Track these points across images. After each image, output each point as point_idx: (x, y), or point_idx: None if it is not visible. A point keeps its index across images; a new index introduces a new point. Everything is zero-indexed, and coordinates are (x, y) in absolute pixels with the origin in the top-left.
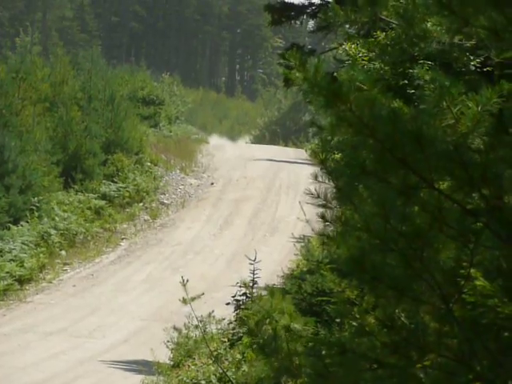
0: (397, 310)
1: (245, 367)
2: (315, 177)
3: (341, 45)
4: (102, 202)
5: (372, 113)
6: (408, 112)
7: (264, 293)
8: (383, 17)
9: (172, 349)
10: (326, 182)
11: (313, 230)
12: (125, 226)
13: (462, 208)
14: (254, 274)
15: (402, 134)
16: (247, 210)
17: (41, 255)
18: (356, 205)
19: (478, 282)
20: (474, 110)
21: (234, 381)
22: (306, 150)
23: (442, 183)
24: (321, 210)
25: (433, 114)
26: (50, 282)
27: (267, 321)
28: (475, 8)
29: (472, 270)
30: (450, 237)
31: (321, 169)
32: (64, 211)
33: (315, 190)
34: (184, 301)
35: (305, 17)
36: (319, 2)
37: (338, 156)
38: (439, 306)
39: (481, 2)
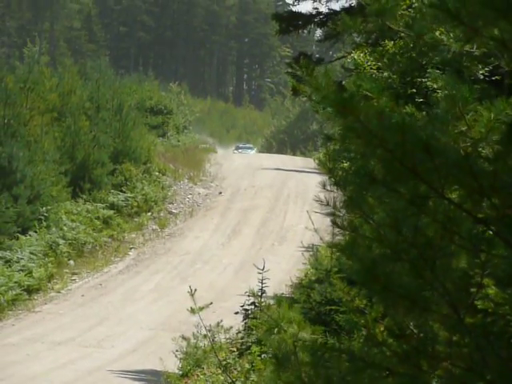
0: (406, 320)
1: (254, 377)
2: (323, 185)
3: (349, 53)
4: (111, 212)
5: (381, 123)
6: (418, 118)
7: (272, 302)
8: (392, 26)
9: (181, 358)
10: (335, 190)
11: (321, 239)
12: (133, 235)
13: (473, 217)
14: (262, 283)
15: (411, 143)
16: (255, 219)
17: (49, 265)
18: (366, 214)
19: (490, 291)
20: (487, 117)
21: None
22: (314, 159)
23: (452, 192)
24: (329, 218)
25: (445, 120)
26: (59, 292)
27: (275, 330)
28: (484, 19)
29: (484, 279)
30: (461, 246)
31: (329, 178)
32: (72, 221)
33: (324, 198)
34: (192, 310)
35: (312, 26)
36: (327, 11)
37: (346, 165)
38: (450, 314)
39: (490, 14)
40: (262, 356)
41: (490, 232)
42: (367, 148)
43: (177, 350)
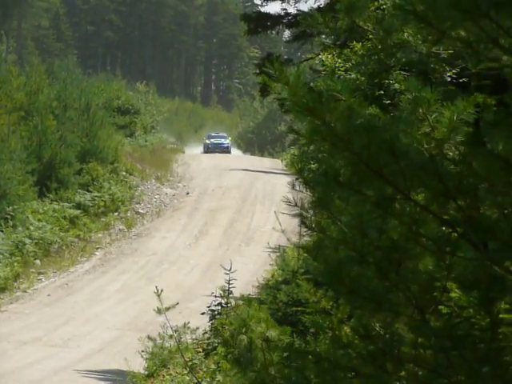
0: (372, 322)
1: (219, 377)
2: (293, 185)
3: (317, 55)
4: (77, 212)
5: (347, 125)
6: (384, 119)
7: (240, 302)
8: (361, 24)
9: (146, 358)
10: (304, 191)
11: (288, 240)
12: (100, 235)
13: (438, 219)
14: (229, 283)
15: (376, 146)
16: (223, 219)
17: (15, 264)
18: (333, 215)
19: (453, 294)
20: (449, 117)
21: None
22: (281, 160)
23: (418, 195)
24: (297, 219)
25: (409, 121)
26: (25, 292)
27: (243, 330)
28: (451, 20)
29: (448, 282)
30: (426, 248)
31: (297, 178)
32: (39, 220)
33: (293, 198)
34: (158, 311)
35: (281, 27)
36: (295, 12)
37: (314, 166)
38: (415, 317)
39: (457, 15)
40: (228, 356)
41: (456, 234)
42: (333, 150)
43: (143, 351)
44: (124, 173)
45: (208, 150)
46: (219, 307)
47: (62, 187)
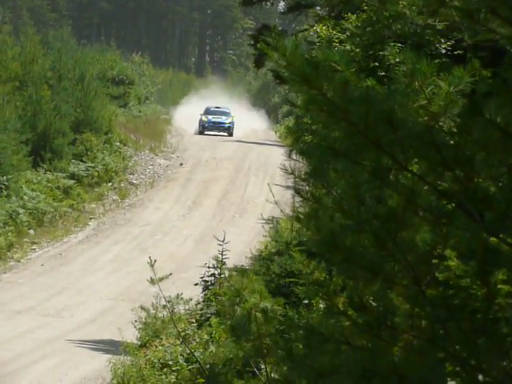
0: (366, 292)
1: (212, 348)
2: (289, 155)
3: (312, 27)
4: (71, 182)
5: (344, 95)
6: (381, 92)
7: (233, 273)
8: None
9: (139, 329)
10: (300, 160)
11: (282, 211)
12: (93, 205)
13: (435, 190)
14: (222, 254)
15: (374, 116)
16: (216, 190)
17: (9, 234)
18: (328, 185)
19: (451, 263)
20: (446, 90)
21: (201, 361)
22: (275, 132)
23: (415, 165)
24: (291, 191)
25: (405, 93)
26: (18, 261)
27: (237, 300)
28: None
29: (446, 251)
30: (423, 218)
31: (292, 149)
32: (33, 190)
33: (289, 166)
34: (152, 281)
35: None
36: None
37: (308, 137)
38: (411, 286)
39: None
40: (222, 327)
41: (452, 205)
42: (330, 120)
43: (136, 321)
44: (118, 143)
45: (204, 128)
46: (212, 278)
47: (55, 157)
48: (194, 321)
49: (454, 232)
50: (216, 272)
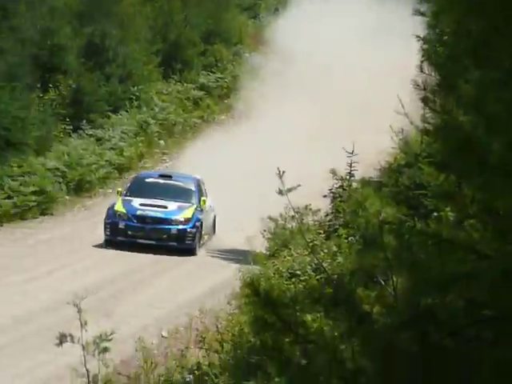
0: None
1: (340, 259)
2: (420, 68)
3: None
4: (201, 93)
5: None
6: None
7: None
8: None
9: (268, 238)
10: (431, 74)
11: (411, 123)
12: (223, 117)
13: None
14: (351, 166)
15: None
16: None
17: (140, 144)
18: (459, 97)
19: None
20: None
21: (329, 271)
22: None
23: None
24: (420, 103)
25: None
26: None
27: (360, 211)
28: None
29: None
30: None
31: (424, 61)
32: (163, 101)
33: (421, 81)
34: (280, 192)
35: None
36: None
37: (440, 49)
38: None
39: None
40: (349, 239)
41: None
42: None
43: (264, 230)
44: (247, 54)
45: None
46: (341, 189)
47: (186, 68)
48: (322, 232)
49: None
50: (344, 184)
